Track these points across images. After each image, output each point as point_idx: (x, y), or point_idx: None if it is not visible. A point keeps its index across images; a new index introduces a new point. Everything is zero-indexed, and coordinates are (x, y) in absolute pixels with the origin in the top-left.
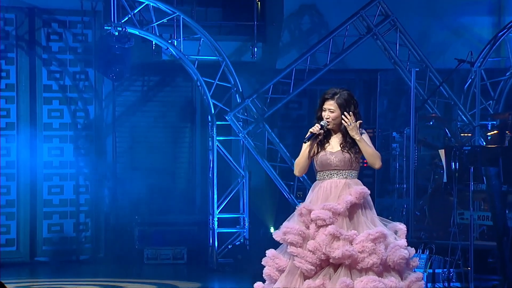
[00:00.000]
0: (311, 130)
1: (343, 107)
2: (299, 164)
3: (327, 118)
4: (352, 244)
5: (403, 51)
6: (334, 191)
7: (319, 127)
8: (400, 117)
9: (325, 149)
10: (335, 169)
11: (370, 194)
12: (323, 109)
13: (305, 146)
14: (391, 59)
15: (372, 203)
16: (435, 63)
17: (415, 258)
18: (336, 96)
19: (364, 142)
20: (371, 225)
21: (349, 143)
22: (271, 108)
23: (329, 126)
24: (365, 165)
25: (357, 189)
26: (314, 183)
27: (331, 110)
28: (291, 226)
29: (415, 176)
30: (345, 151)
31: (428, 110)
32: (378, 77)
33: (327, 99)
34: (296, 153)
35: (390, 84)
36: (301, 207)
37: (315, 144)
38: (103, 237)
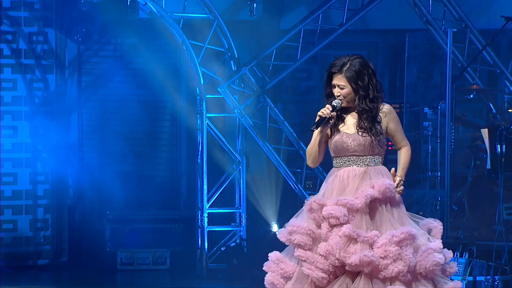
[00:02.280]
0: (319, 113)
1: (354, 80)
2: (312, 154)
3: (338, 96)
4: (372, 248)
5: (438, 8)
6: (352, 181)
7: (331, 108)
8: (433, 89)
9: (340, 130)
10: (353, 155)
11: None
12: (332, 85)
13: (316, 133)
14: (423, 18)
15: (400, 196)
16: (477, 22)
17: (452, 262)
18: (344, 68)
19: (403, 169)
20: (397, 224)
21: (366, 123)
22: (274, 78)
23: (342, 105)
24: (389, 148)
25: (381, 183)
26: (330, 170)
27: (341, 86)
28: (299, 224)
29: (451, 162)
30: (364, 134)
31: (467, 80)
32: (407, 39)
33: (334, 73)
34: (304, 133)
35: (420, 48)
36: (311, 201)
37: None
38: (67, 237)
